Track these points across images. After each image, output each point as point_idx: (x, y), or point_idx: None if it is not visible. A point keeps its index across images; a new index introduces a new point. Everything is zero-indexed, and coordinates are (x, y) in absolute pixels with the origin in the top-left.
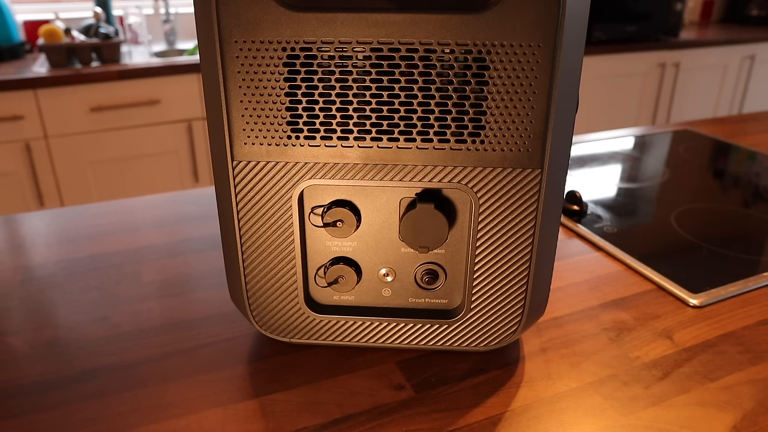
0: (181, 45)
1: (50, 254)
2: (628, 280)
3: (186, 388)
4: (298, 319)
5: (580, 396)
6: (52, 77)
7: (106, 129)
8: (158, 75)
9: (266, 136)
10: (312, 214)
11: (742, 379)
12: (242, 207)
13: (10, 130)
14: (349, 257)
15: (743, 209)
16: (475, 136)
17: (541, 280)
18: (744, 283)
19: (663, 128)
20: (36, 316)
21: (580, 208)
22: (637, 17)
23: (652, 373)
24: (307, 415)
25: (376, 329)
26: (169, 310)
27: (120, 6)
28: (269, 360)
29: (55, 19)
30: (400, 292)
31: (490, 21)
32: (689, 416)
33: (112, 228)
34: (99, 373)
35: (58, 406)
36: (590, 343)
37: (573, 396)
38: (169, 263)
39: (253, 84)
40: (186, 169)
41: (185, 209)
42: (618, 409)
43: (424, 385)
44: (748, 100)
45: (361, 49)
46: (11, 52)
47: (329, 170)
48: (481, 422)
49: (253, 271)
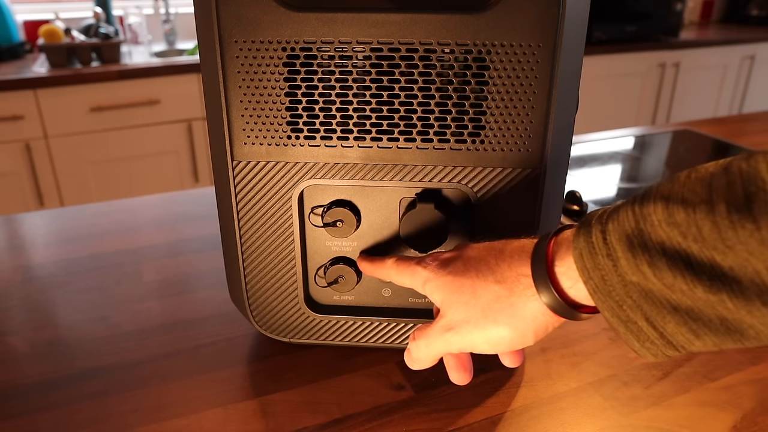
0: (181, 45)
1: (50, 254)
2: None
3: (186, 388)
4: (298, 319)
5: (580, 396)
6: (52, 77)
7: (106, 129)
8: (158, 75)
9: (266, 136)
10: (312, 214)
11: (742, 379)
12: (242, 207)
13: (10, 130)
14: (349, 257)
15: None
16: (475, 136)
17: None
18: None
19: (663, 128)
20: (36, 316)
21: (580, 208)
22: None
23: (652, 373)
24: (307, 415)
25: (376, 329)
26: (169, 310)
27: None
28: (269, 360)
29: (55, 19)
30: (400, 292)
31: (490, 21)
32: (689, 416)
33: (112, 228)
34: (99, 373)
35: (58, 406)
36: (590, 343)
37: (573, 396)
38: (169, 263)
39: (253, 84)
40: (186, 169)
41: (185, 209)
42: (618, 409)
43: (424, 385)
44: (748, 100)
45: (361, 49)
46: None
47: (329, 170)
48: (481, 422)
49: (253, 271)
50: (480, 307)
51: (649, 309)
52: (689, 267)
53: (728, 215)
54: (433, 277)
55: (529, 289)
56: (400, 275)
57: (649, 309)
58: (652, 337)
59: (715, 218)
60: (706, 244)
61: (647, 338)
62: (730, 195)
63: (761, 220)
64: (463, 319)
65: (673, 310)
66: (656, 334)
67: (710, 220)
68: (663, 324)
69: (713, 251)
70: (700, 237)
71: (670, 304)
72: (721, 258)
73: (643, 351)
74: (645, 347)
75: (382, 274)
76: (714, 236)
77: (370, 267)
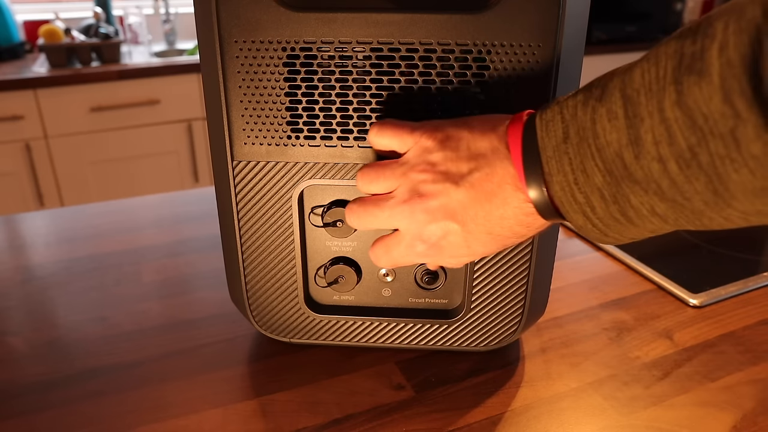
0: (181, 45)
1: (50, 254)
2: (628, 280)
3: (186, 388)
4: (298, 319)
5: (580, 396)
6: (52, 77)
7: (106, 129)
8: (158, 75)
9: (266, 136)
10: (312, 214)
11: (742, 379)
12: (242, 207)
13: (10, 130)
14: (349, 257)
15: None
16: None
17: (541, 280)
18: (744, 283)
19: None
20: (36, 316)
21: None
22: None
23: (652, 373)
24: (307, 415)
25: (376, 329)
26: (168, 310)
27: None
28: (269, 360)
29: (55, 19)
30: (400, 292)
31: (490, 21)
32: (689, 416)
33: (111, 228)
34: (99, 373)
35: (57, 406)
36: (590, 343)
37: (573, 396)
38: (169, 263)
39: (253, 84)
40: (186, 169)
41: (185, 209)
42: (618, 409)
43: (424, 385)
44: None
45: (361, 49)
46: (11, 52)
47: (329, 170)
48: (481, 422)
49: (253, 271)
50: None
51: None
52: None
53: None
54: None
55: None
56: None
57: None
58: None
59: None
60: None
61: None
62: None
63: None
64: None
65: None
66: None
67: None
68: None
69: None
70: None
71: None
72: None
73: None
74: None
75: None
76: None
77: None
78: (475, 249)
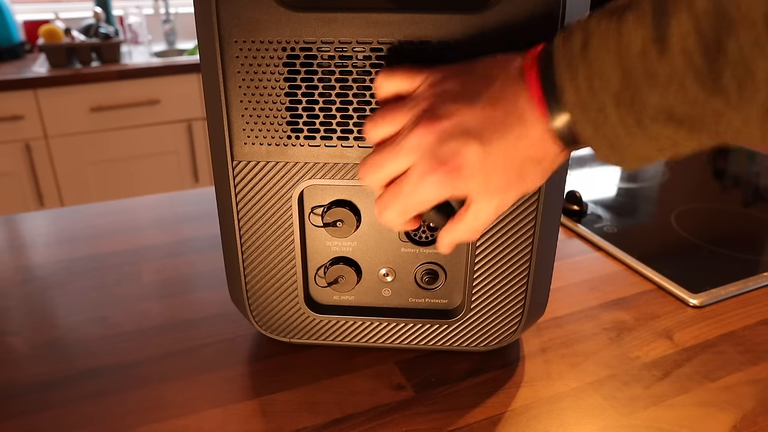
0: (181, 45)
1: (50, 254)
2: (628, 280)
3: (186, 388)
4: (298, 319)
5: (580, 396)
6: (52, 77)
7: (106, 129)
8: (158, 75)
9: (266, 136)
10: (312, 214)
11: (742, 379)
12: (242, 207)
13: (10, 130)
14: (349, 257)
15: (743, 209)
16: None
17: (541, 280)
18: (744, 283)
19: None
20: (36, 316)
21: (580, 208)
22: None
23: (652, 373)
24: (307, 415)
25: (376, 329)
26: (168, 310)
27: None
28: (269, 360)
29: (55, 19)
30: (400, 292)
31: (490, 21)
32: (689, 416)
33: (111, 228)
34: (99, 373)
35: (57, 406)
36: (590, 343)
37: (573, 396)
38: (169, 263)
39: (253, 84)
40: (186, 169)
41: (185, 209)
42: (618, 409)
43: (424, 385)
44: None
45: (361, 49)
46: (11, 52)
47: (329, 170)
48: (481, 422)
49: (253, 271)
50: None
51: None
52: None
53: None
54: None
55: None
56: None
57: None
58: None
59: None
60: None
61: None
62: None
63: None
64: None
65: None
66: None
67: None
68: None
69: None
70: None
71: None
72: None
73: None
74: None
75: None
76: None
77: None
78: (492, 180)
